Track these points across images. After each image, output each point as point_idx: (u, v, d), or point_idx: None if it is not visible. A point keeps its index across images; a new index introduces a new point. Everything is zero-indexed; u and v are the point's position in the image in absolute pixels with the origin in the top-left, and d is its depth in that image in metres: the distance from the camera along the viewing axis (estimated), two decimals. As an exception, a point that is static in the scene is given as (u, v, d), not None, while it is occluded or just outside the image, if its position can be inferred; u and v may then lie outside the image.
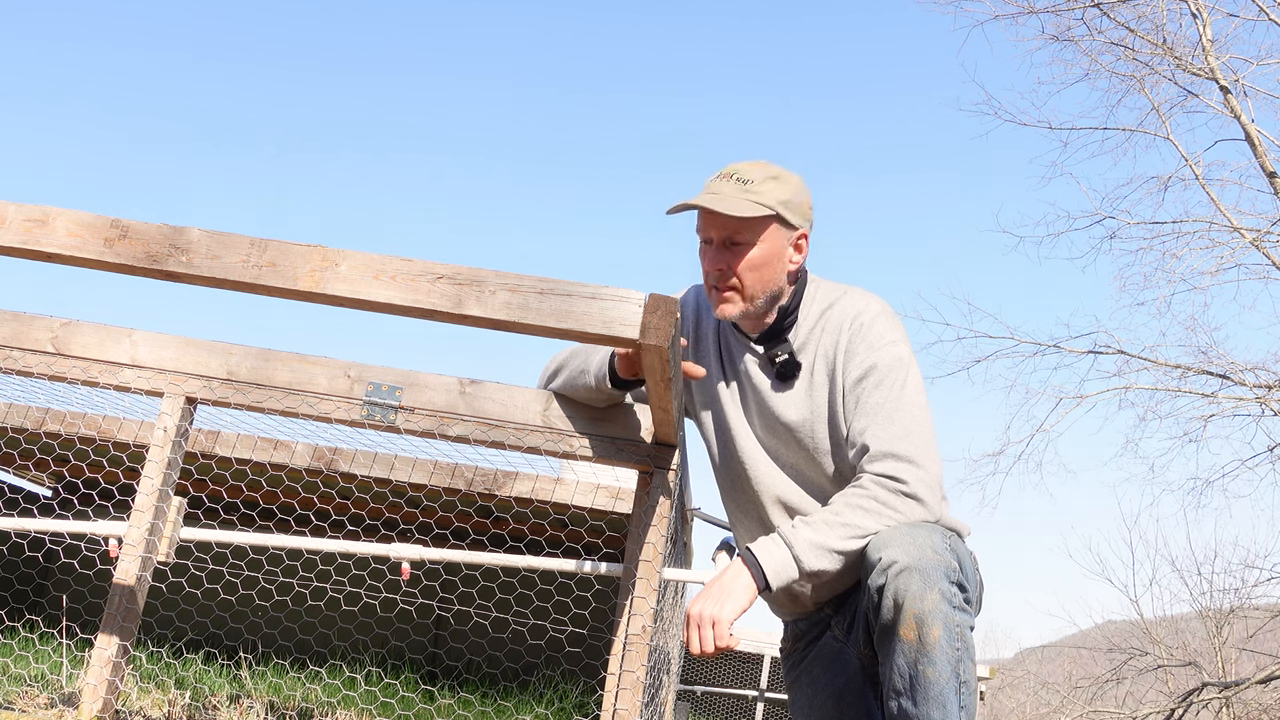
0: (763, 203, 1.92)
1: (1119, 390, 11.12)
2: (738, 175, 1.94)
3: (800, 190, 1.98)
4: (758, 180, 1.94)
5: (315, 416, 2.15)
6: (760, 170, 1.96)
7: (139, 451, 3.91)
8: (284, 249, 1.66)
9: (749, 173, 1.95)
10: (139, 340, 2.22)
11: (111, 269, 1.70)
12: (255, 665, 5.36)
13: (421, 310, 1.63)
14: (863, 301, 2.01)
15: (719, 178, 1.95)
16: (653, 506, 2.03)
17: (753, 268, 1.94)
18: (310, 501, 5.51)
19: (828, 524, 1.82)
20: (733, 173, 1.95)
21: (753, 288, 1.95)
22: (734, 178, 1.94)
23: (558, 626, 6.22)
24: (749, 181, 1.93)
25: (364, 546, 2.57)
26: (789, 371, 2.01)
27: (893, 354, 1.94)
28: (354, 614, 6.44)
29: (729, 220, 1.93)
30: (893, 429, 1.87)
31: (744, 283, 1.95)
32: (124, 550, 2.13)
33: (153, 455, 2.16)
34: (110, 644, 2.09)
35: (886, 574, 1.72)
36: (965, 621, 1.72)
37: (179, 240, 1.67)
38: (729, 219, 1.93)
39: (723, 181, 1.94)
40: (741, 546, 2.17)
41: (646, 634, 1.96)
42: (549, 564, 2.47)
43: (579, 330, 1.60)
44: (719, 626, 1.75)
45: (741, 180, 1.93)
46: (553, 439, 2.07)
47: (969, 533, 1.99)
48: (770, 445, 2.06)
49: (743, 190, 1.92)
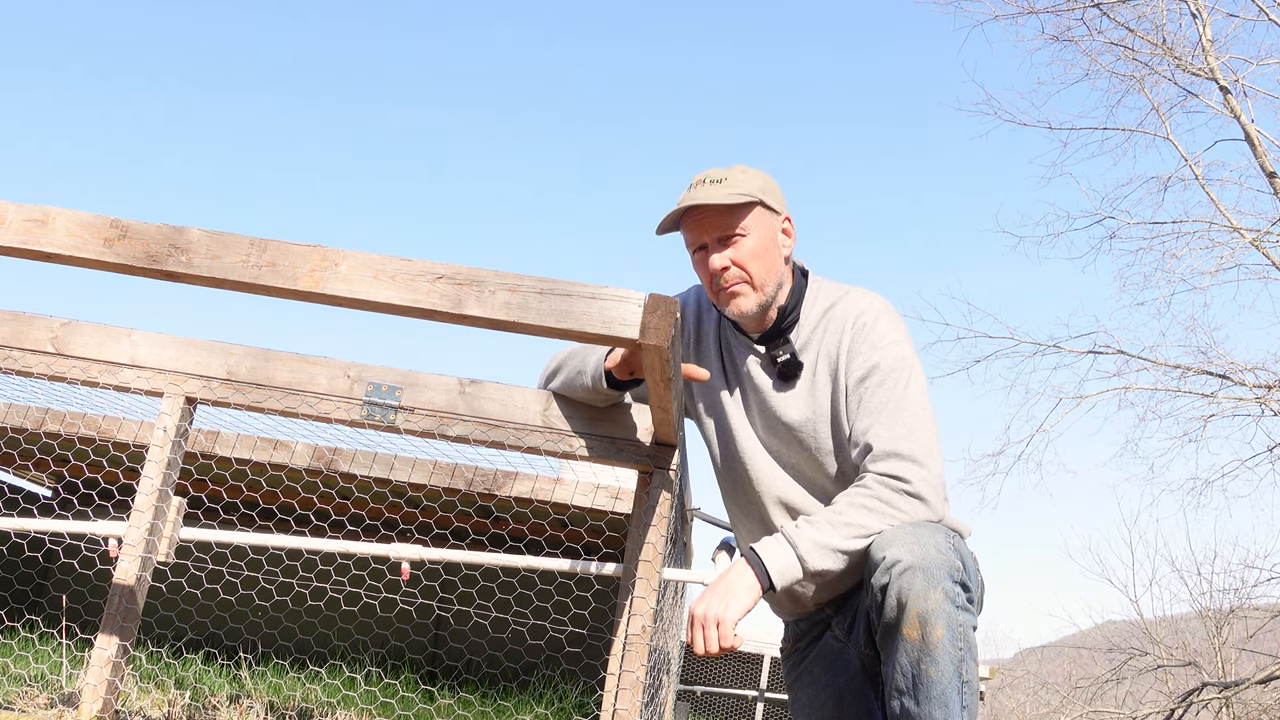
0: (744, 192, 1.94)
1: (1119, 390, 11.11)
2: (709, 178, 1.98)
3: (770, 179, 2.02)
4: (731, 177, 1.97)
5: (315, 416, 2.14)
6: (727, 170, 2.00)
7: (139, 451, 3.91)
8: (284, 249, 1.65)
9: (719, 174, 1.98)
10: (139, 340, 2.22)
11: (111, 269, 1.70)
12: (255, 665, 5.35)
13: (421, 310, 1.63)
14: (865, 301, 2.01)
15: (692, 188, 1.98)
16: (652, 506, 2.02)
17: (755, 256, 1.96)
18: (310, 501, 5.51)
19: (831, 524, 1.81)
20: (704, 178, 1.99)
21: (760, 276, 1.96)
22: (706, 181, 1.97)
23: (557, 626, 6.21)
24: (723, 180, 1.97)
25: (364, 546, 2.56)
26: (791, 371, 2.01)
27: (896, 353, 1.94)
28: (354, 614, 6.44)
29: (718, 218, 1.94)
30: (896, 429, 1.87)
31: (751, 272, 1.96)
32: (124, 550, 2.13)
33: (152, 455, 2.15)
34: (110, 644, 2.09)
35: (890, 573, 1.72)
36: (968, 621, 1.72)
37: (179, 240, 1.67)
38: (718, 217, 1.94)
39: (698, 188, 1.97)
40: (744, 546, 2.17)
41: (646, 634, 1.95)
42: (549, 564, 2.47)
43: (579, 330, 1.60)
44: (723, 627, 1.75)
45: (714, 181, 1.97)
46: (552, 439, 2.06)
47: (970, 533, 1.99)
48: (772, 446, 2.05)
49: (720, 187, 1.95)
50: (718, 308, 2.03)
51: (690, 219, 1.97)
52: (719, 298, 1.99)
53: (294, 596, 6.30)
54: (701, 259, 1.99)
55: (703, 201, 1.92)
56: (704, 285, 2.03)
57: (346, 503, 5.47)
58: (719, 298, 1.99)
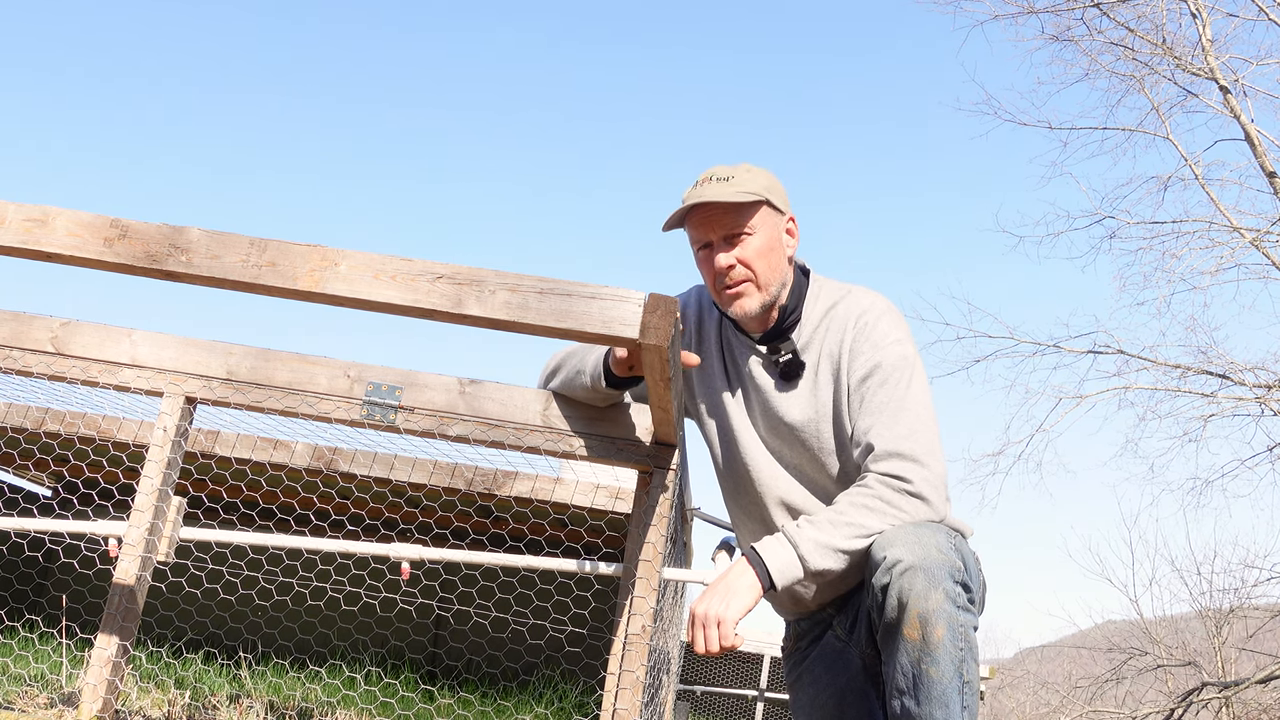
0: (750, 190, 1.94)
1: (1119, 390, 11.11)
2: (715, 175, 1.97)
3: (775, 179, 2.02)
4: (737, 175, 1.97)
5: (315, 416, 2.14)
6: (732, 168, 1.99)
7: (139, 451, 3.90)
8: (283, 249, 1.65)
9: (725, 171, 1.98)
10: (139, 340, 2.21)
11: (111, 269, 1.70)
12: (255, 665, 5.35)
13: (421, 310, 1.63)
14: (867, 300, 2.01)
15: (698, 185, 1.97)
16: (652, 506, 2.02)
17: (760, 255, 1.95)
18: (310, 501, 5.50)
19: (832, 523, 1.81)
20: (710, 175, 1.98)
21: (765, 275, 1.96)
22: (712, 178, 1.97)
23: (557, 626, 6.21)
24: (729, 178, 1.96)
25: (364, 546, 2.56)
26: (793, 371, 2.01)
27: (898, 353, 1.94)
28: (354, 614, 6.43)
29: (725, 215, 1.94)
30: (898, 428, 1.87)
31: (756, 271, 1.95)
32: (124, 550, 2.13)
33: (152, 455, 2.15)
34: (110, 644, 2.09)
35: (891, 573, 1.72)
36: (969, 621, 1.72)
37: (179, 240, 1.66)
38: (725, 215, 1.94)
39: (704, 186, 1.96)
40: (744, 546, 2.17)
41: (646, 634, 1.95)
42: (549, 564, 2.47)
43: (579, 330, 1.59)
44: (724, 626, 1.75)
45: (720, 179, 1.96)
46: (552, 439, 2.06)
47: (972, 533, 1.98)
48: (774, 446, 2.05)
49: (727, 185, 1.94)
50: (720, 307, 2.02)
51: (696, 216, 1.96)
52: (722, 296, 1.98)
53: (294, 596, 6.29)
54: (706, 257, 1.99)
55: (710, 199, 1.92)
56: (707, 284, 2.02)
57: (346, 502, 5.47)
58: (722, 296, 1.98)
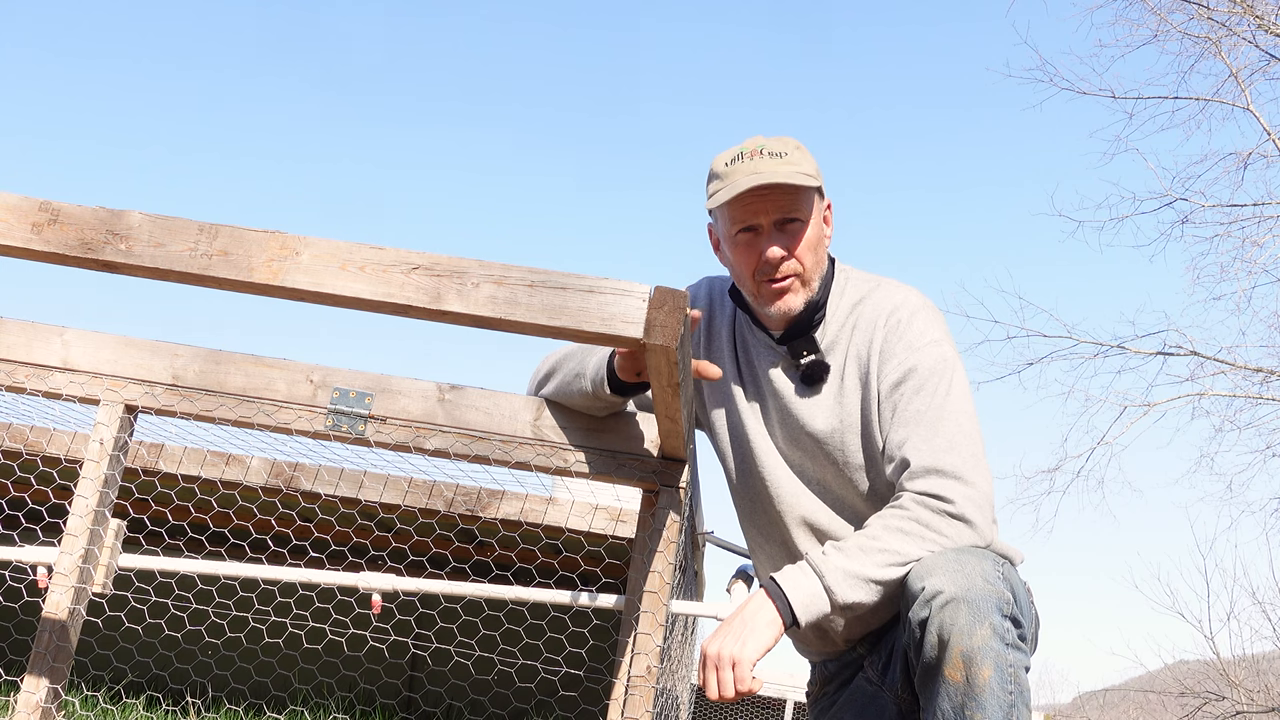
0: (808, 172, 1.94)
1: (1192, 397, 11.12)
2: (766, 149, 1.95)
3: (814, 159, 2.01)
4: (789, 151, 1.95)
5: (273, 427, 2.14)
6: (782, 142, 1.97)
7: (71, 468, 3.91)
8: (237, 235, 1.65)
9: (776, 146, 1.96)
10: (71, 340, 2.22)
11: (41, 258, 1.70)
12: (204, 711, 5.36)
13: (394, 305, 1.63)
14: (900, 295, 2.01)
15: (748, 159, 1.94)
16: (658, 530, 2.02)
17: (810, 248, 1.96)
18: (267, 524, 5.51)
19: (863, 550, 1.81)
20: (760, 147, 1.95)
21: (811, 270, 1.98)
22: (764, 152, 1.94)
23: (550, 667, 6.21)
24: (782, 154, 1.94)
25: (329, 576, 2.57)
26: (816, 374, 2.01)
27: (935, 354, 1.94)
28: (318, 653, 6.44)
29: (782, 198, 1.93)
30: (936, 441, 1.87)
31: (805, 265, 1.96)
32: (54, 580, 2.13)
33: (87, 471, 2.15)
34: (39, 687, 2.09)
35: (930, 606, 1.72)
36: (1020, 661, 1.72)
37: (117, 225, 1.66)
38: (782, 198, 1.93)
39: (758, 160, 1.93)
40: (763, 576, 2.17)
41: (652, 675, 1.95)
42: (540, 595, 2.47)
43: (574, 328, 1.59)
44: (740, 668, 1.75)
45: (773, 154, 1.94)
46: (545, 453, 2.06)
47: (1022, 560, 1.98)
48: (795, 459, 2.05)
49: (783, 163, 1.93)
50: (754, 302, 2.01)
51: (749, 194, 1.93)
52: (762, 290, 1.97)
53: (249, 633, 6.30)
54: (749, 241, 1.97)
55: (774, 180, 1.90)
56: (739, 271, 2.00)
57: (309, 526, 5.47)
58: (762, 290, 1.97)
